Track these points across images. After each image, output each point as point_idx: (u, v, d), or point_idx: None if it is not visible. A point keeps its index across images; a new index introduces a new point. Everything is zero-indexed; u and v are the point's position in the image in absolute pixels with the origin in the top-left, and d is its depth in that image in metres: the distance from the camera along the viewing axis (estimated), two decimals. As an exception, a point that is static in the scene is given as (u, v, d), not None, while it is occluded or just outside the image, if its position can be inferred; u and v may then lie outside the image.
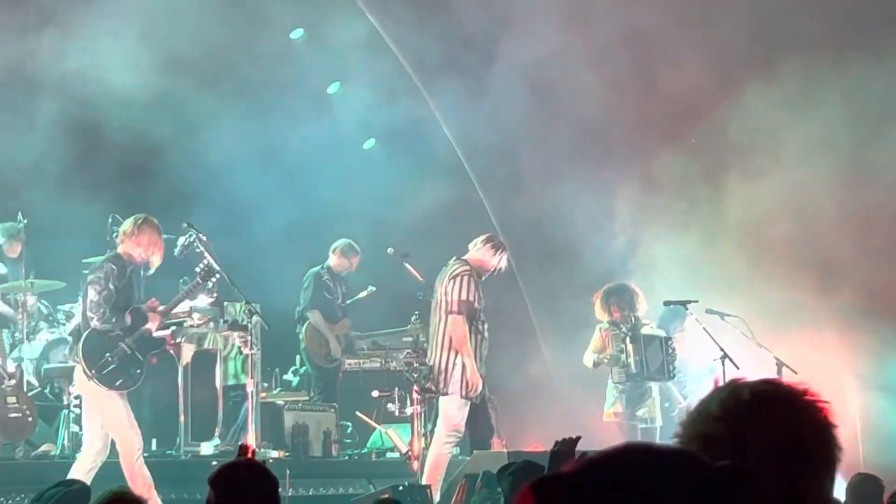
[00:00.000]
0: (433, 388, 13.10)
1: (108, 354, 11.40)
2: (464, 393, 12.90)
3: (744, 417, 2.35)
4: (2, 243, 14.44)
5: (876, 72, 15.16)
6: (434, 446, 12.98)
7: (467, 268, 13.15)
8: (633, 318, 14.54)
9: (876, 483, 8.14)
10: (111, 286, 11.52)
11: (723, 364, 13.61)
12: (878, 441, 14.21)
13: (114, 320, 11.54)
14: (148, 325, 11.77)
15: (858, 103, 15.34)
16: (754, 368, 14.03)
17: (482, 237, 13.60)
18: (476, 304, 13.04)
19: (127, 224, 11.99)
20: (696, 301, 14.33)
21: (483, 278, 13.30)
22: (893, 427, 14.60)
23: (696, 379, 14.65)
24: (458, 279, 12.99)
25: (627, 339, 14.29)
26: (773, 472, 2.29)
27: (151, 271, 12.06)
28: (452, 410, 12.97)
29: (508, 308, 16.57)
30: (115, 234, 12.90)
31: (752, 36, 16.31)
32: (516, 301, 17.80)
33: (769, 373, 13.90)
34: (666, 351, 14.27)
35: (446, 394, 12.99)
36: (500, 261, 13.38)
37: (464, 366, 12.93)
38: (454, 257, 13.45)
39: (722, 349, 13.65)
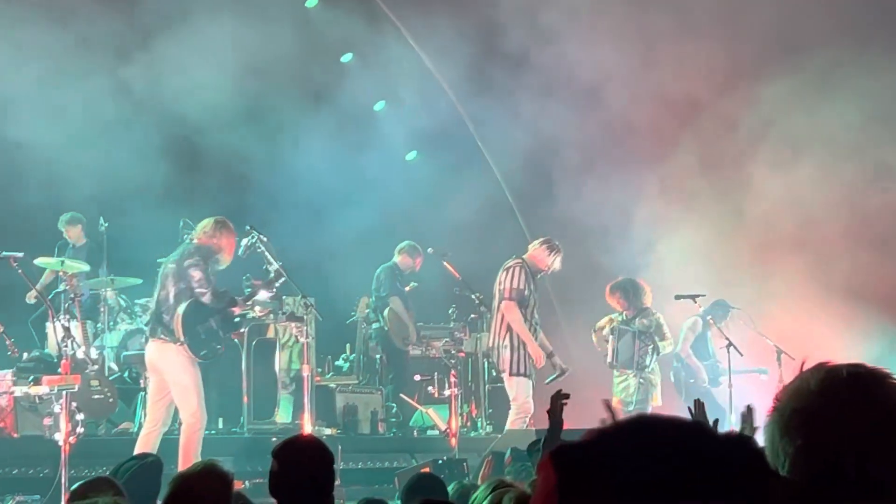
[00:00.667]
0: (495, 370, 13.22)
1: (198, 327, 11.54)
2: (523, 372, 12.96)
3: (843, 394, 2.31)
4: (63, 229, 14.71)
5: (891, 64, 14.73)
6: (507, 424, 13.09)
7: (519, 261, 13.12)
8: (634, 310, 14.39)
9: None
10: (207, 269, 11.70)
11: (728, 352, 13.67)
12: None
13: (218, 297, 11.73)
14: (233, 309, 11.96)
15: (867, 102, 14.89)
16: (756, 355, 14.17)
17: (540, 239, 13.49)
18: (526, 293, 12.96)
19: (207, 223, 11.99)
20: (704, 295, 14.37)
21: (539, 276, 13.24)
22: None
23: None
24: (511, 270, 12.98)
25: (611, 330, 14.28)
26: (875, 444, 2.26)
27: (221, 268, 12.11)
28: (515, 390, 13.02)
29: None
30: (185, 236, 13.06)
31: (765, 33, 15.69)
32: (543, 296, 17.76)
33: (770, 358, 14.01)
34: (637, 345, 13.96)
35: (503, 372, 13.08)
36: (553, 261, 13.26)
37: (521, 346, 12.93)
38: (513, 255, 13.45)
39: (728, 339, 13.73)
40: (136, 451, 10.02)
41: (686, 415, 6.39)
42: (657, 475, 1.37)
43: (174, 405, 11.59)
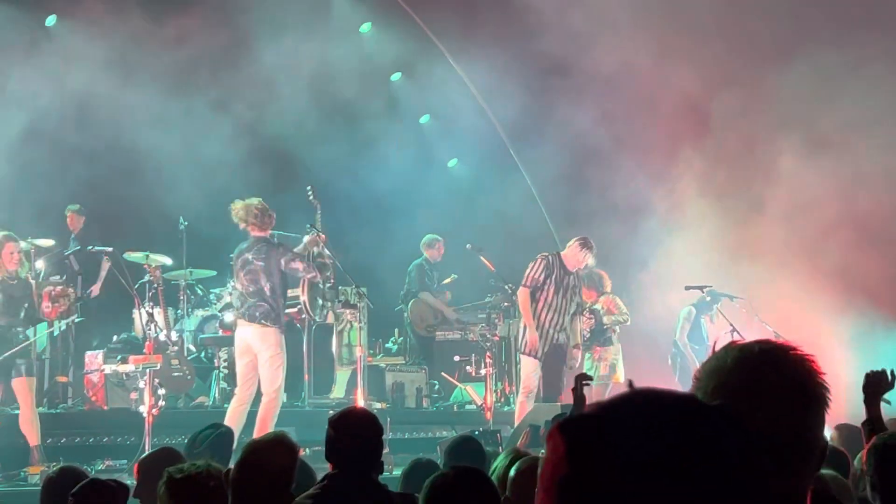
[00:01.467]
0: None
1: (319, 299, 12.36)
2: (525, 351, 12.90)
3: (756, 368, 2.26)
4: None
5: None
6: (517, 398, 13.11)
7: (545, 254, 13.03)
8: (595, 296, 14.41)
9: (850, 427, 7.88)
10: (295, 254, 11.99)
11: (731, 337, 13.63)
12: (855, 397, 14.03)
13: (320, 270, 12.29)
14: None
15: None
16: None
17: (576, 238, 13.22)
18: (545, 282, 12.79)
19: (245, 205, 12.05)
20: (711, 286, 14.34)
21: (575, 270, 13.02)
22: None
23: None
24: (535, 261, 12.91)
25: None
26: (783, 412, 2.24)
27: None
28: (523, 368, 13.05)
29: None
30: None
31: (778, 24, 14.96)
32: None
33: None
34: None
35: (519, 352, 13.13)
36: (584, 257, 12.96)
37: (525, 329, 12.91)
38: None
39: (731, 325, 13.68)
40: (227, 422, 10.22)
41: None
42: (654, 447, 1.37)
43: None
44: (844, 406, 12.69)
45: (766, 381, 2.28)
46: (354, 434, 5.45)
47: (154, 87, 15.19)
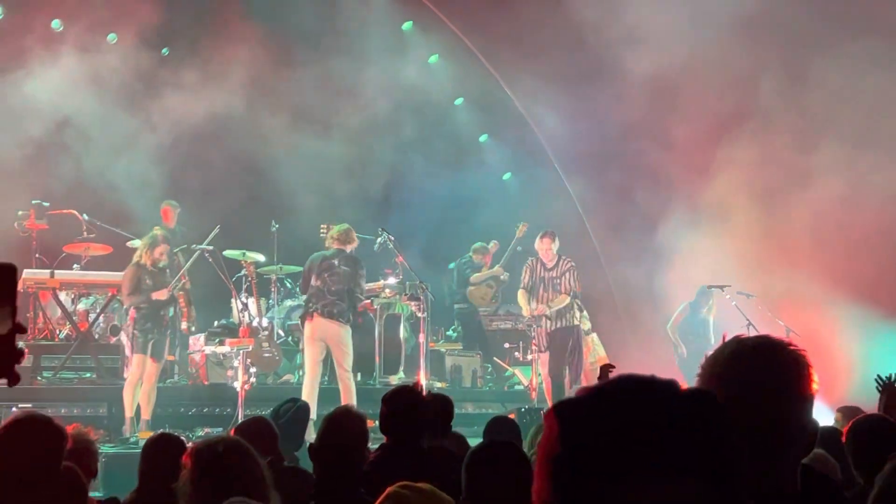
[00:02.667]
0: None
1: None
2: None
3: (748, 360, 2.29)
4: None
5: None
6: None
7: (530, 258, 13.01)
8: None
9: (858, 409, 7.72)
10: None
11: (747, 330, 13.36)
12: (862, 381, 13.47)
13: None
14: None
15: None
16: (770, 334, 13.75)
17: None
18: (527, 281, 12.77)
19: (341, 229, 12.26)
20: (730, 285, 14.07)
21: (554, 263, 12.78)
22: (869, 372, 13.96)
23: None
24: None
25: None
26: (767, 401, 2.24)
27: None
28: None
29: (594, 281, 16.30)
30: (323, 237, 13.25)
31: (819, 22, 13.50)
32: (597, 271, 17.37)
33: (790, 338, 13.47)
34: None
35: None
36: (545, 245, 12.77)
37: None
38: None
39: (748, 320, 13.38)
40: (304, 397, 10.22)
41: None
42: (636, 427, 1.33)
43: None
44: (848, 391, 12.42)
45: (755, 372, 2.27)
46: (401, 410, 5.46)
47: (267, 110, 15.36)
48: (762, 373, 2.27)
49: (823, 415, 8.13)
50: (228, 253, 13.76)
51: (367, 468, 4.95)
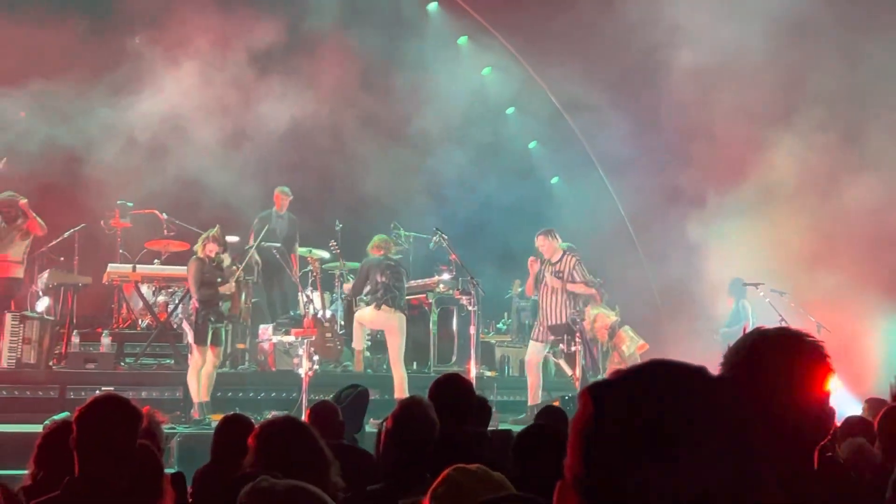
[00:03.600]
0: None
1: None
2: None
3: (765, 349, 2.31)
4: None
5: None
6: None
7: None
8: None
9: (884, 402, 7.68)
10: None
11: (779, 324, 13.18)
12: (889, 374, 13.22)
13: None
14: None
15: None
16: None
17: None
18: (535, 281, 12.52)
19: (378, 240, 12.43)
20: (763, 283, 13.85)
21: (557, 259, 12.50)
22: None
23: None
24: None
25: None
26: (780, 387, 2.25)
27: None
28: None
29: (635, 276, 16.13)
30: (393, 235, 13.27)
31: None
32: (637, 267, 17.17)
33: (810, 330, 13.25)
34: None
35: None
36: (544, 244, 12.50)
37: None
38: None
39: (781, 315, 13.18)
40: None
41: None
42: (661, 407, 1.35)
43: None
44: (875, 383, 12.17)
45: (774, 361, 2.29)
46: (440, 396, 5.47)
47: (342, 118, 15.45)
48: (781, 361, 2.29)
49: (852, 406, 7.98)
50: (301, 250, 13.96)
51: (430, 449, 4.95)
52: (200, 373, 11.05)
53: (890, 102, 13.30)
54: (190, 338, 11.15)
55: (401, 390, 11.69)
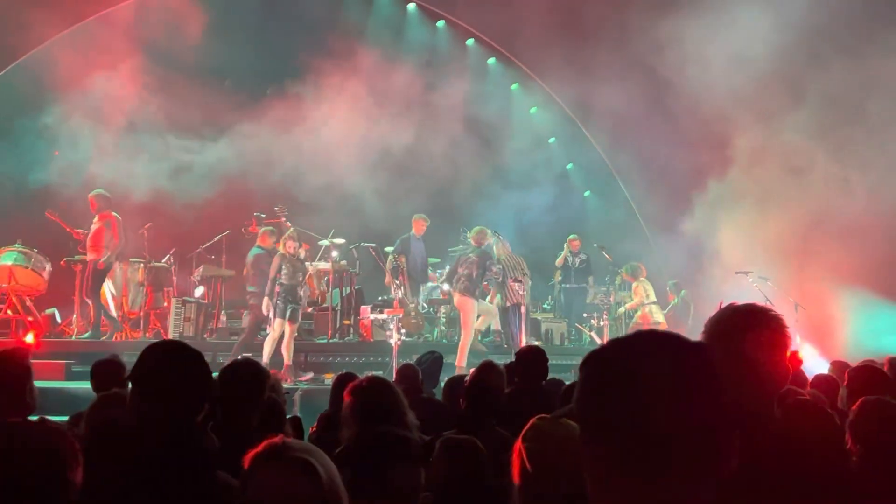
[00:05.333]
0: None
1: None
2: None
3: (735, 320, 2.28)
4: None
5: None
6: None
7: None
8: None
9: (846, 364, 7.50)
10: None
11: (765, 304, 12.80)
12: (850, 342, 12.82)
13: None
14: None
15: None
16: (782, 309, 13.07)
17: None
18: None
19: (476, 231, 12.26)
20: (752, 271, 13.53)
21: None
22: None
23: None
24: None
25: None
26: (747, 350, 2.22)
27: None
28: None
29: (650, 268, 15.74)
30: (463, 236, 13.22)
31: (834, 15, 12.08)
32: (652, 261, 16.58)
33: (790, 312, 12.70)
34: None
35: None
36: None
37: None
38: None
39: (766, 297, 12.80)
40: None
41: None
42: (648, 367, 1.30)
43: None
44: (840, 349, 11.79)
45: (742, 329, 2.27)
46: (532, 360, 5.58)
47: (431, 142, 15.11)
48: (747, 329, 2.26)
49: (820, 366, 7.80)
50: (388, 248, 13.97)
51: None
52: (281, 343, 10.94)
53: (874, 111, 12.64)
54: (271, 314, 11.08)
55: (462, 353, 11.63)
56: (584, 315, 14.62)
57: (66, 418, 4.53)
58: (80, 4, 13.79)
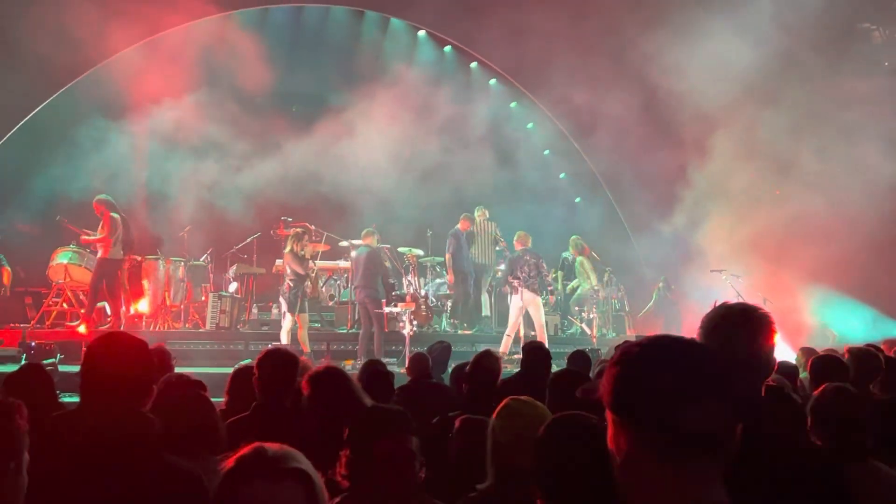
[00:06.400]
0: None
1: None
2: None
3: (730, 318, 2.27)
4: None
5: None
6: None
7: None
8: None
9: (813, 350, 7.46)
10: None
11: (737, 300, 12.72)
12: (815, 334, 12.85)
13: None
14: None
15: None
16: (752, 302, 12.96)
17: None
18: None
19: (519, 235, 12.15)
20: (725, 269, 13.48)
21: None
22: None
23: None
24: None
25: None
26: (740, 344, 2.22)
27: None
28: None
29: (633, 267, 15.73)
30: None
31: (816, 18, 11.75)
32: (635, 261, 16.56)
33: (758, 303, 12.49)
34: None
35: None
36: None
37: None
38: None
39: (738, 293, 12.72)
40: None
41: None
42: (665, 365, 1.36)
43: None
44: (805, 338, 11.75)
45: (736, 326, 2.26)
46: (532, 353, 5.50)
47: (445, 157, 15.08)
48: (741, 326, 2.26)
49: (788, 354, 7.78)
50: (401, 248, 13.97)
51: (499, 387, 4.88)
52: (296, 334, 10.78)
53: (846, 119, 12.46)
54: (285, 307, 10.94)
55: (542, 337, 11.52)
56: (576, 309, 14.59)
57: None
58: (130, 26, 13.66)
